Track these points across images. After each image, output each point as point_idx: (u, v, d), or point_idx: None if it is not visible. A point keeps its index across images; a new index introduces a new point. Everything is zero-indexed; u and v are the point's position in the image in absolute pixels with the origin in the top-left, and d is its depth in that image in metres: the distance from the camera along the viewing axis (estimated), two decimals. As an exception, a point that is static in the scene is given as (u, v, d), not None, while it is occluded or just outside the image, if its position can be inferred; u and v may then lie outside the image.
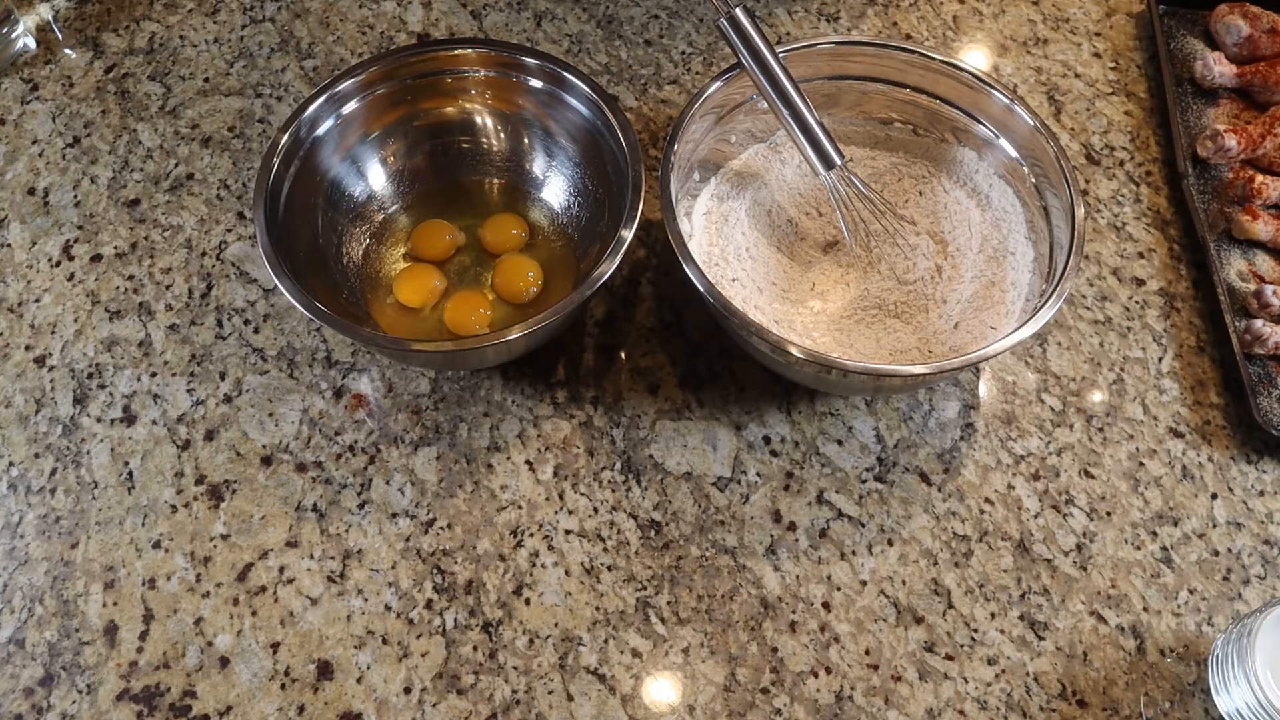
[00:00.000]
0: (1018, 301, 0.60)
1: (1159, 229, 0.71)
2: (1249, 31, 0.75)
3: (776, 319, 0.61)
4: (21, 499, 0.60)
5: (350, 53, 0.77)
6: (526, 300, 0.64)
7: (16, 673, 0.55)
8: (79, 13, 0.79)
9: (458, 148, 0.68)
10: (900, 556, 0.59)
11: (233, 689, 0.55)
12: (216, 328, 0.65)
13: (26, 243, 0.68)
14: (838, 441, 0.62)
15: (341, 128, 0.64)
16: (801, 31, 0.79)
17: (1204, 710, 0.55)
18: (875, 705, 0.55)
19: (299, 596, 0.57)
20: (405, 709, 0.54)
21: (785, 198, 0.67)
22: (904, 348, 0.61)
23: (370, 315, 0.63)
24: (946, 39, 0.80)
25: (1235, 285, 0.68)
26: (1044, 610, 0.58)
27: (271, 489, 0.60)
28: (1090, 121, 0.76)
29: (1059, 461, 0.62)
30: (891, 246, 0.64)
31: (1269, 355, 0.65)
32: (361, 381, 0.64)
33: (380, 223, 0.67)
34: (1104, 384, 0.65)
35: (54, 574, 0.58)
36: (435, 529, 0.59)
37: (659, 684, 0.55)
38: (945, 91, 0.64)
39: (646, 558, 0.59)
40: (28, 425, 0.62)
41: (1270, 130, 0.71)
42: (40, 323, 0.65)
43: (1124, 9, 0.82)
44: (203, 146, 0.72)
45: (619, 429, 0.62)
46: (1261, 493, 0.62)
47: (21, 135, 0.73)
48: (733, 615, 0.57)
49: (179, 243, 0.68)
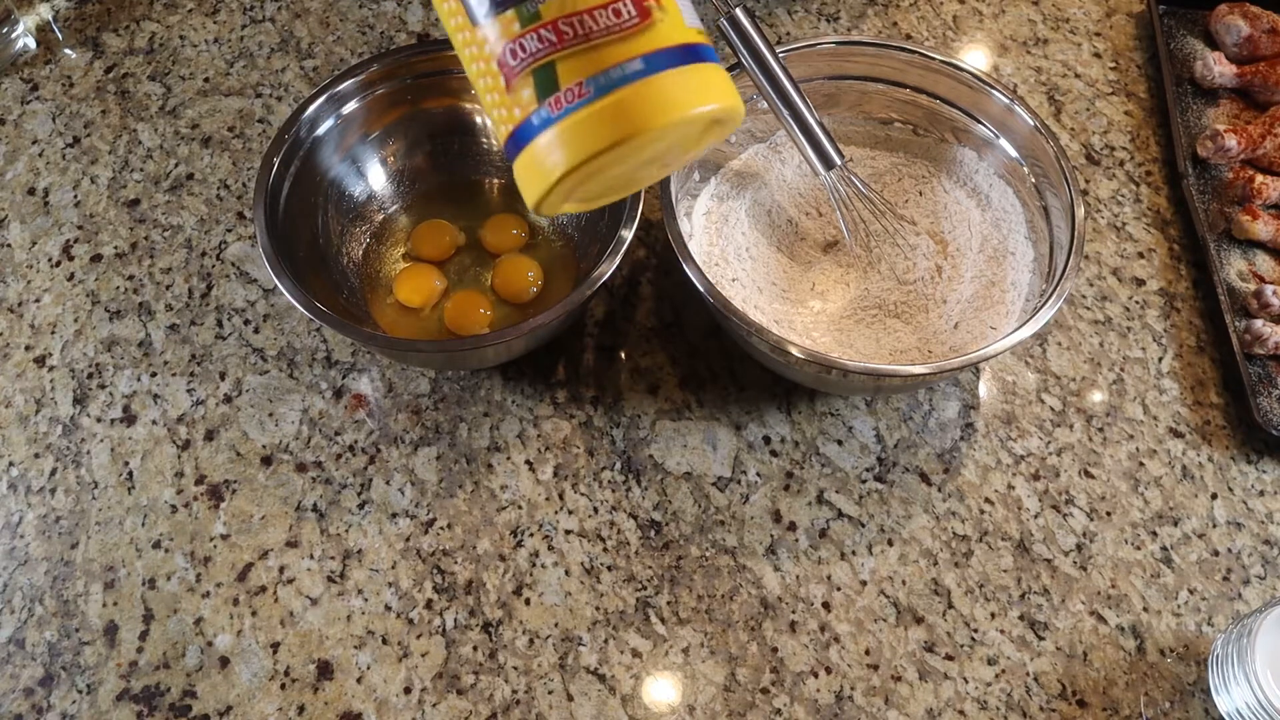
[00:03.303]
0: (1018, 301, 0.60)
1: (1159, 229, 0.71)
2: (1249, 31, 0.75)
3: (776, 319, 0.61)
4: (21, 499, 0.60)
5: (350, 53, 0.77)
6: (526, 300, 0.64)
7: (16, 673, 0.55)
8: (79, 13, 0.79)
9: (458, 148, 0.68)
10: (900, 556, 0.59)
11: (233, 689, 0.55)
12: (216, 328, 0.65)
13: (26, 243, 0.68)
14: (838, 441, 0.62)
15: (341, 128, 0.64)
16: (801, 31, 0.79)
17: (1204, 710, 0.55)
18: (875, 705, 0.55)
19: (299, 596, 0.57)
20: (405, 709, 0.54)
21: (785, 198, 0.67)
22: (904, 348, 0.61)
23: (370, 315, 0.63)
24: (946, 39, 0.80)
25: (1235, 285, 0.68)
26: (1044, 610, 0.58)
27: (271, 489, 0.60)
28: (1090, 121, 0.76)
29: (1059, 461, 0.62)
30: (891, 246, 0.64)
31: (1269, 355, 0.65)
32: (361, 381, 0.64)
33: (380, 223, 0.67)
34: (1104, 384, 0.65)
35: (54, 574, 0.58)
36: (435, 529, 0.59)
37: (659, 684, 0.55)
38: (945, 91, 0.64)
39: (646, 558, 0.59)
40: (28, 425, 0.62)
41: (1270, 130, 0.71)
42: (40, 323, 0.65)
43: (1124, 9, 0.82)
44: (203, 146, 0.72)
45: (619, 429, 0.62)
46: (1261, 493, 0.62)
47: (21, 135, 0.73)
48: (733, 615, 0.57)
49: (179, 243, 0.68)
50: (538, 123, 0.37)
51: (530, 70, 0.37)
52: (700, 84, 0.38)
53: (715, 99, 0.39)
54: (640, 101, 0.37)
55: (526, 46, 0.37)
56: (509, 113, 0.38)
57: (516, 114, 0.38)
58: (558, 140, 0.37)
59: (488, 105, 0.39)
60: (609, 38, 0.37)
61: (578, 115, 0.37)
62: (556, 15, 0.36)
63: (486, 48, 0.37)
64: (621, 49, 0.37)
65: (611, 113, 0.36)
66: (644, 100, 0.37)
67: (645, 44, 0.37)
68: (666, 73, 0.37)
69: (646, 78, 0.37)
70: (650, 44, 0.37)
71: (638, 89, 0.37)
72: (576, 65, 0.36)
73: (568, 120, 0.37)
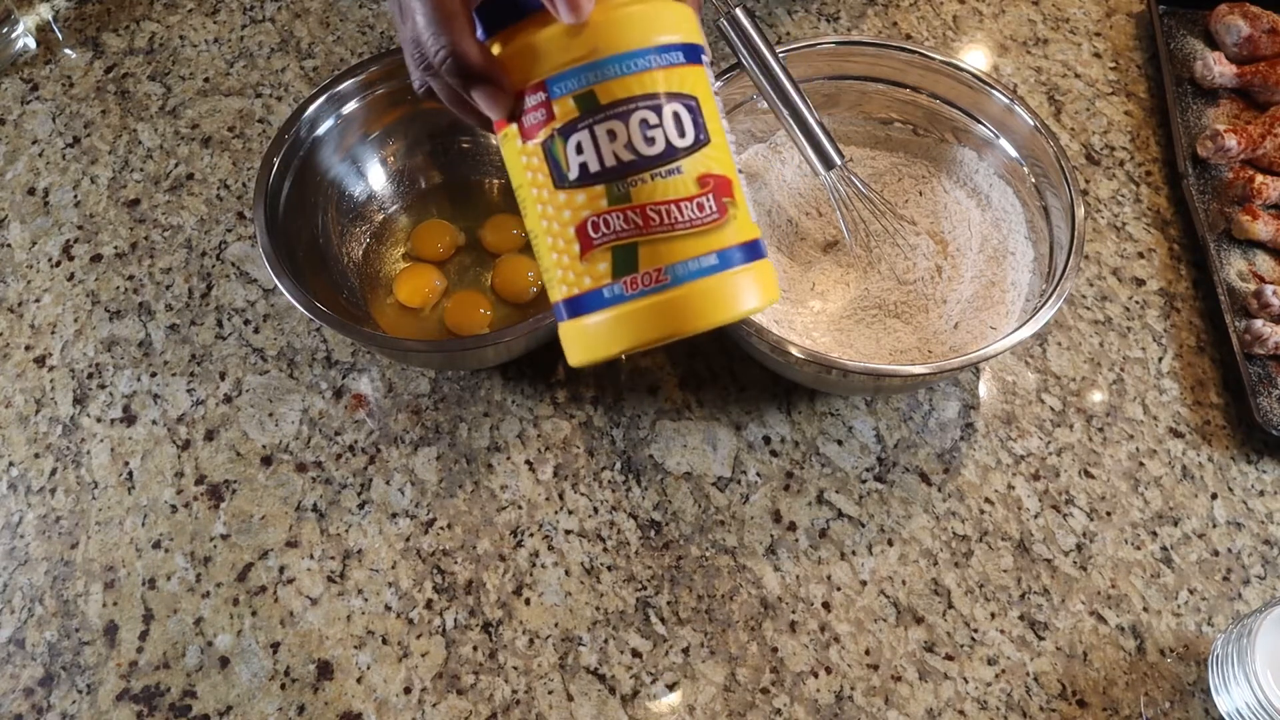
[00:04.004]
0: (1018, 301, 0.60)
1: (1159, 229, 0.71)
2: (1249, 31, 0.75)
3: (776, 319, 0.61)
4: (21, 499, 0.60)
5: (350, 53, 0.77)
6: (526, 300, 0.64)
7: (16, 673, 0.55)
8: (79, 13, 0.79)
9: (458, 148, 0.68)
10: (900, 556, 0.59)
11: (233, 689, 0.55)
12: (216, 328, 0.65)
13: (26, 243, 0.68)
14: (838, 441, 0.62)
15: (341, 128, 0.64)
16: (801, 31, 0.79)
17: (1204, 710, 0.55)
18: (875, 705, 0.55)
19: (299, 596, 0.57)
20: (405, 709, 0.54)
21: (785, 198, 0.67)
22: (904, 348, 0.61)
23: (370, 315, 0.63)
24: (946, 39, 0.80)
25: (1235, 285, 0.68)
26: (1044, 610, 0.58)
27: (271, 489, 0.60)
28: (1090, 121, 0.76)
29: (1059, 461, 0.62)
30: (891, 246, 0.64)
31: (1269, 355, 0.65)
32: (361, 381, 0.64)
33: (380, 223, 0.67)
34: (1104, 384, 0.65)
35: (54, 574, 0.58)
36: (435, 529, 0.59)
37: (659, 684, 0.55)
38: (945, 91, 0.64)
39: (646, 558, 0.59)
40: (28, 425, 0.62)
41: (1270, 130, 0.71)
42: (40, 323, 0.65)
43: (1124, 9, 0.82)
44: (203, 146, 0.72)
45: (619, 429, 0.62)
46: (1261, 493, 0.62)
47: (21, 135, 0.73)
48: (733, 615, 0.57)
49: (179, 243, 0.68)
50: (609, 296, 0.39)
51: (611, 246, 0.39)
52: (760, 281, 0.41)
53: (770, 296, 0.41)
54: (711, 295, 0.39)
55: (611, 224, 0.39)
56: (577, 278, 0.40)
57: (586, 282, 0.39)
58: (627, 318, 0.39)
59: (548, 264, 0.41)
60: (691, 230, 0.39)
61: (652, 299, 0.39)
62: (645, 201, 0.38)
63: (567, 213, 0.39)
64: (700, 243, 0.39)
65: (683, 303, 0.39)
66: (714, 294, 0.39)
67: (719, 240, 0.39)
68: (735, 270, 0.39)
69: (718, 273, 0.39)
70: (724, 241, 0.39)
71: (709, 283, 0.39)
72: (658, 252, 0.38)
73: (641, 302, 0.39)
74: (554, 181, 0.39)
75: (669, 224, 0.38)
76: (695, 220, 0.39)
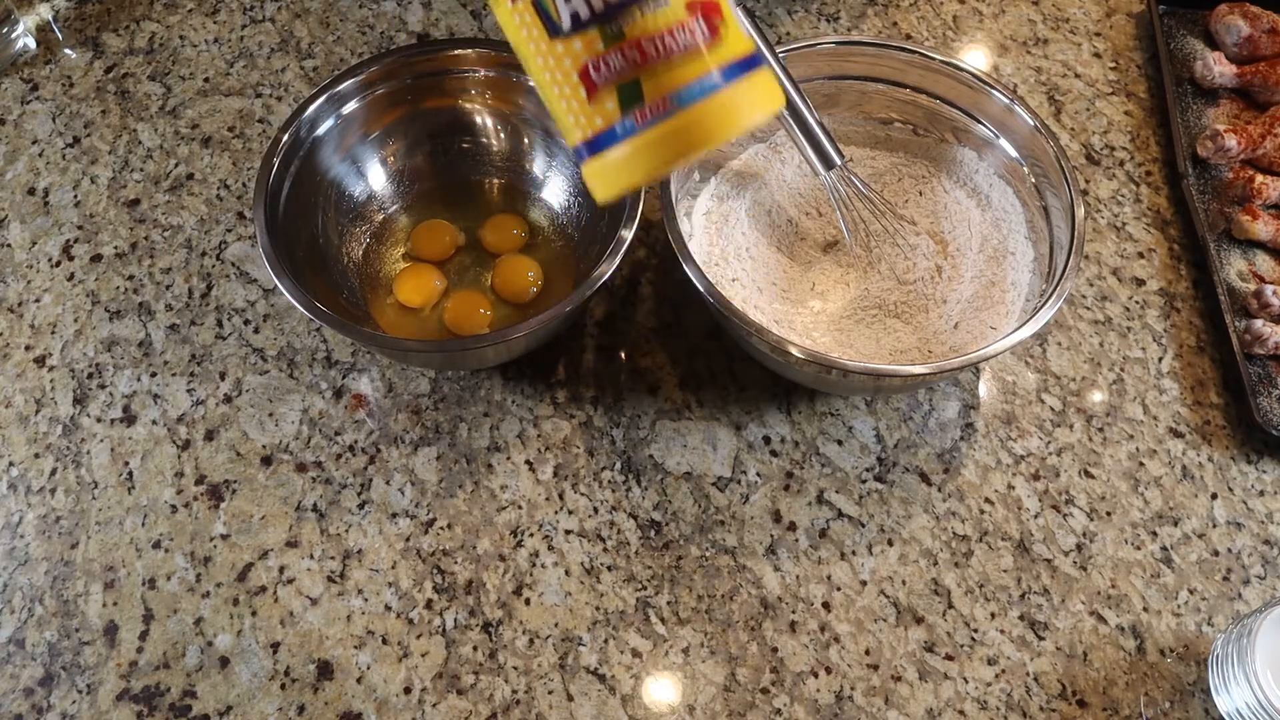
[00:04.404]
0: (1018, 301, 0.60)
1: (1159, 229, 0.71)
2: (1249, 31, 0.75)
3: (776, 319, 0.61)
4: (21, 499, 0.60)
5: (350, 53, 0.77)
6: (526, 300, 0.64)
7: (16, 673, 0.55)
8: (79, 13, 0.79)
9: (458, 148, 0.68)
10: (900, 556, 0.59)
11: (233, 689, 0.55)
12: (216, 328, 0.65)
13: (26, 243, 0.68)
14: (838, 441, 0.62)
15: (341, 128, 0.64)
16: (801, 31, 0.79)
17: (1204, 710, 0.55)
18: (875, 705, 0.55)
19: (299, 596, 0.57)
20: (405, 709, 0.54)
21: (785, 198, 0.67)
22: (904, 348, 0.61)
23: (370, 315, 0.63)
24: (946, 39, 0.80)
25: (1235, 285, 0.68)
26: (1044, 610, 0.58)
27: (271, 489, 0.60)
28: (1090, 121, 0.76)
29: (1059, 461, 0.62)
30: (891, 246, 0.64)
31: (1269, 355, 0.65)
32: (361, 381, 0.64)
33: (380, 223, 0.67)
34: (1104, 384, 0.65)
35: (54, 574, 0.58)
36: (435, 529, 0.59)
37: (659, 684, 0.55)
38: (945, 91, 0.64)
39: (646, 558, 0.59)
40: (28, 425, 0.62)
41: (1270, 130, 0.71)
42: (40, 323, 0.65)
43: (1124, 9, 0.82)
44: (203, 146, 0.72)
45: (619, 429, 0.62)
46: (1261, 493, 0.62)
47: (21, 135, 0.73)
48: (733, 615, 0.57)
49: (179, 243, 0.68)
50: (621, 132, 0.41)
51: (615, 84, 0.40)
52: (764, 89, 0.42)
53: (776, 101, 0.43)
54: (718, 112, 0.40)
55: (611, 64, 0.40)
56: (589, 120, 0.41)
57: (598, 123, 0.41)
58: (643, 148, 0.41)
59: (559, 111, 0.42)
60: (687, 55, 0.40)
61: (663, 127, 0.40)
62: (639, 35, 0.40)
63: (567, 61, 0.41)
64: (698, 65, 0.40)
65: (694, 124, 0.40)
66: (720, 111, 0.40)
67: (716, 59, 0.40)
68: (737, 83, 0.41)
69: (721, 90, 0.40)
70: (720, 59, 0.41)
71: (714, 101, 0.40)
72: (660, 82, 0.40)
73: (654, 131, 0.40)
74: (548, 33, 0.40)
75: (665, 53, 0.40)
76: (690, 45, 0.40)
